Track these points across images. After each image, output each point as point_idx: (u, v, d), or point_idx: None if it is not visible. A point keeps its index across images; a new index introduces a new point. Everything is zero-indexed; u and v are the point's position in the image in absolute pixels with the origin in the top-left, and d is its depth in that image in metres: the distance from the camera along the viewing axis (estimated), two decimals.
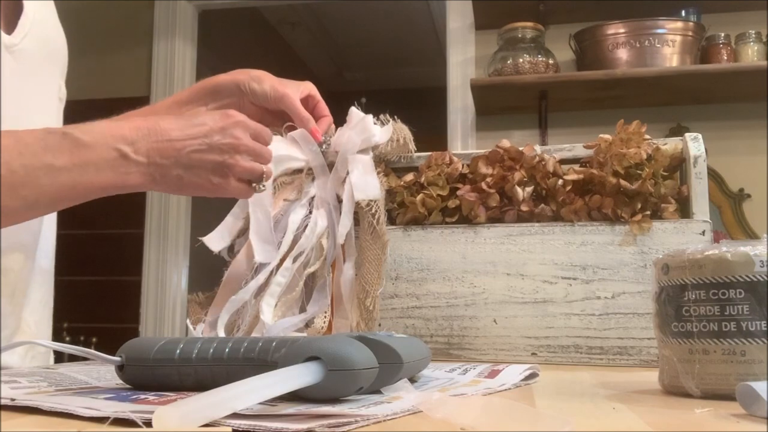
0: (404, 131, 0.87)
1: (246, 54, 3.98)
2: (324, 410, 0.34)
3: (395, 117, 0.88)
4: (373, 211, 0.80)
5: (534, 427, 0.32)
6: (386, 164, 0.87)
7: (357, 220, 0.81)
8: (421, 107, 3.05)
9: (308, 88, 0.86)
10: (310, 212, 0.83)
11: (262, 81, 0.82)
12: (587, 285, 0.77)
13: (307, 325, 0.78)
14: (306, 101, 0.85)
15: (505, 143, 0.84)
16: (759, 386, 0.37)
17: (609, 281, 0.76)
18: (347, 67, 5.13)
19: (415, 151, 0.88)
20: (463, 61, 2.57)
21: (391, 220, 0.85)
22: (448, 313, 0.80)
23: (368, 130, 0.84)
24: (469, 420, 0.33)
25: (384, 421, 0.35)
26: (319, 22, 4.39)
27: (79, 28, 2.99)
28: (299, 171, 0.86)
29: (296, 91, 0.84)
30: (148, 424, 0.31)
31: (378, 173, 0.84)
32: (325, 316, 0.79)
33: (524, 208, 0.80)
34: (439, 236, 0.82)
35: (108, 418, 0.33)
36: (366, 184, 0.81)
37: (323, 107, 0.87)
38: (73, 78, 0.82)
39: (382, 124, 0.87)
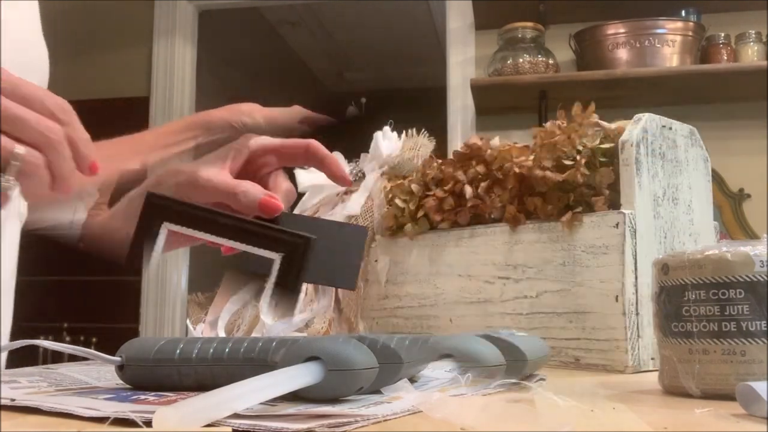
0: (426, 148, 0.91)
1: (246, 54, 3.98)
2: (324, 410, 0.34)
3: (422, 130, 0.92)
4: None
5: (534, 427, 0.32)
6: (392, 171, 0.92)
7: None
8: (421, 107, 3.05)
9: (297, 111, 0.87)
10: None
11: (253, 113, 0.85)
12: (517, 284, 0.76)
13: (307, 325, 0.79)
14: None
15: (473, 139, 0.84)
16: (759, 386, 0.37)
17: (534, 280, 0.74)
18: (347, 67, 5.12)
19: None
20: (463, 61, 2.57)
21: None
22: (420, 313, 0.86)
23: (378, 148, 0.88)
24: (469, 420, 0.33)
25: (384, 421, 0.35)
26: (319, 22, 4.39)
27: (79, 27, 2.99)
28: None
29: (287, 116, 0.85)
30: (148, 424, 0.31)
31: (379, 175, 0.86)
32: (325, 316, 0.79)
33: (470, 204, 0.80)
34: (413, 242, 0.88)
35: (108, 418, 0.33)
36: (350, 201, 0.85)
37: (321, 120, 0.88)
38: (73, 78, 0.81)
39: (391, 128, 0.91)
